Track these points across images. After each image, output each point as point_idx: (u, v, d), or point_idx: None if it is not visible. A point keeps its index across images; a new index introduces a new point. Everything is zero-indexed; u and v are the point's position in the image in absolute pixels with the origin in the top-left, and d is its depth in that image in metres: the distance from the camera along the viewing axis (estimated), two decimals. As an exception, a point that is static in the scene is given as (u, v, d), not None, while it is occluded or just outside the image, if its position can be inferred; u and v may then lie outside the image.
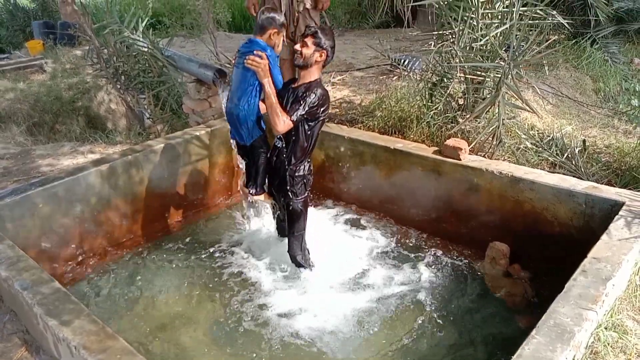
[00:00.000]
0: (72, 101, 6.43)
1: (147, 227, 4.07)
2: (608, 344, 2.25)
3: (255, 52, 2.90)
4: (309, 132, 3.09)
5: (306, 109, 2.94)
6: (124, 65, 5.33)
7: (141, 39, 5.13)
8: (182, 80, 5.19)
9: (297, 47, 3.03)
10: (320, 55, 3.02)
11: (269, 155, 3.26)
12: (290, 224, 3.34)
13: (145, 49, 5.11)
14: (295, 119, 2.92)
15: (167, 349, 2.96)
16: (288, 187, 3.20)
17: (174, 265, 3.69)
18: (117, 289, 3.48)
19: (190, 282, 3.54)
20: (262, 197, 3.39)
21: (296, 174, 3.19)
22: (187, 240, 3.99)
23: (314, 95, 2.96)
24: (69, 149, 4.68)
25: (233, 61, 3.17)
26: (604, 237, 2.73)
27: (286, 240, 3.42)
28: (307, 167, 3.24)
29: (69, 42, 8.56)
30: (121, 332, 2.61)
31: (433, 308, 3.22)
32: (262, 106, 3.11)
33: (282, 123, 2.89)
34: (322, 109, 3.03)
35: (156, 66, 5.17)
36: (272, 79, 2.96)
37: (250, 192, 3.34)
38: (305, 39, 3.01)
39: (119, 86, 5.56)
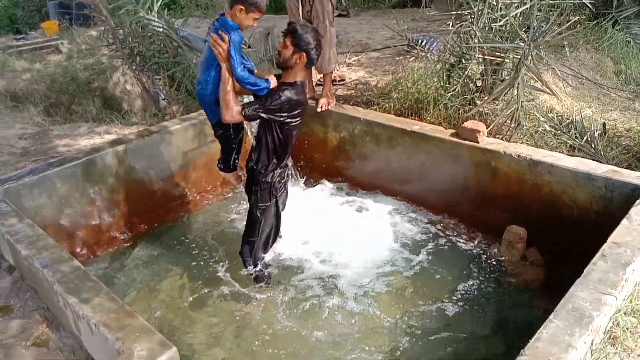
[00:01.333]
0: (88, 82, 6.43)
1: (163, 207, 4.10)
2: (627, 329, 2.22)
3: (220, 31, 2.68)
4: (276, 138, 2.87)
5: (263, 108, 2.75)
6: (139, 45, 5.31)
7: (156, 19, 5.10)
8: (197, 61, 5.17)
9: (278, 46, 2.82)
10: (300, 58, 2.77)
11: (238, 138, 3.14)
12: (246, 226, 3.17)
13: (161, 30, 5.08)
14: (246, 114, 2.73)
15: (183, 328, 3.00)
16: (253, 189, 3.06)
17: (192, 244, 3.72)
18: (134, 268, 3.53)
19: (207, 259, 3.56)
20: (229, 175, 3.34)
21: (262, 179, 3.00)
22: (203, 218, 4.03)
23: (277, 98, 2.75)
24: (85, 129, 4.70)
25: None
26: (624, 221, 2.69)
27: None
28: (276, 175, 3.02)
29: (85, 23, 8.55)
30: (139, 312, 2.64)
31: (449, 291, 3.22)
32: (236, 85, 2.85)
33: (229, 113, 2.72)
34: (285, 114, 2.79)
35: (171, 47, 5.15)
36: (230, 64, 2.72)
37: (218, 166, 3.31)
38: (285, 39, 2.78)
39: (134, 67, 5.55)
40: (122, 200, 3.82)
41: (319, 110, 4.27)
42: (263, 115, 2.78)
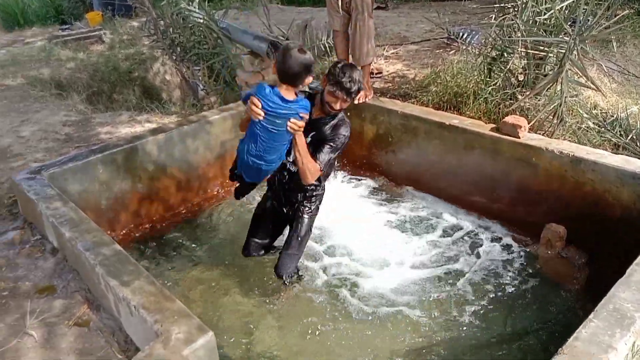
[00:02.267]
0: (129, 71, 6.57)
1: (201, 195, 4.18)
2: (671, 332, 2.16)
3: (301, 114, 2.57)
4: (330, 162, 2.86)
5: (335, 153, 2.78)
6: (180, 36, 5.40)
7: (197, 11, 5.18)
8: (236, 53, 5.22)
9: (329, 99, 2.70)
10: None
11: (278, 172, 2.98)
12: (293, 241, 3.07)
13: (201, 21, 5.16)
14: (324, 169, 2.75)
15: (217, 315, 3.05)
16: (305, 203, 3.04)
17: (227, 233, 3.76)
18: (171, 254, 3.60)
19: (240, 247, 3.59)
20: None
21: (317, 193, 3.04)
22: (239, 207, 4.06)
23: (343, 138, 2.78)
24: (126, 117, 4.81)
25: (250, 113, 2.56)
26: (670, 222, 2.61)
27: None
28: (325, 185, 3.09)
29: (127, 14, 8.74)
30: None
31: (486, 289, 3.18)
32: None
33: (314, 176, 2.72)
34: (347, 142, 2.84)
35: (211, 38, 5.21)
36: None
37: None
38: (340, 94, 2.66)
39: (174, 57, 5.64)
40: (161, 187, 3.90)
41: (356, 102, 4.25)
42: (333, 157, 2.82)
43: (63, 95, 5.57)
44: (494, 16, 4.07)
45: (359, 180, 4.43)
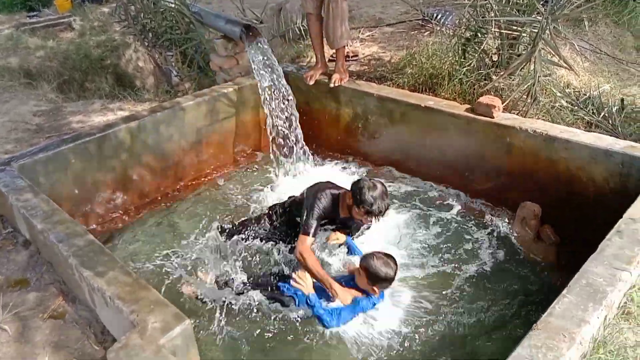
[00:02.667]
0: (101, 59, 6.44)
1: (175, 183, 4.13)
2: (642, 305, 2.21)
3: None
4: None
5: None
6: (151, 22, 5.30)
7: (168, -5, 5.07)
8: (209, 37, 5.14)
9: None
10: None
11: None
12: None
13: (172, 5, 5.06)
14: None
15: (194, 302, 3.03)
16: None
17: (203, 220, 3.74)
18: (147, 243, 3.56)
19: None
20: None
21: None
22: (215, 194, 4.04)
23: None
24: (98, 106, 4.72)
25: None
26: (641, 197, 2.65)
27: None
28: None
29: (97, 0, 8.53)
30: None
31: (460, 267, 3.22)
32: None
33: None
34: None
35: (183, 22, 5.13)
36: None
37: None
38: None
39: (146, 43, 5.55)
40: (135, 176, 3.84)
41: (331, 85, 4.23)
42: None
43: (33, 85, 5.44)
44: (467, -4, 4.06)
45: (335, 163, 4.42)
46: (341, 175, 4.25)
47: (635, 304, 2.20)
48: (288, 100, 4.09)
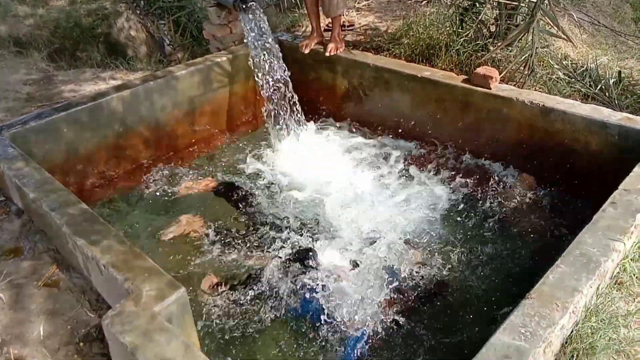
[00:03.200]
0: (92, 28, 6.32)
1: (168, 153, 4.10)
2: (634, 274, 2.23)
3: None
4: None
5: None
6: (143, -11, 5.20)
7: (160, -39, 4.96)
8: (202, 5, 5.05)
9: None
10: None
11: None
12: None
13: (165, -28, 4.95)
14: None
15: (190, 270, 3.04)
16: None
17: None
18: (139, 212, 3.54)
19: (211, 204, 3.60)
20: None
21: None
22: (209, 163, 4.01)
23: None
24: (90, 75, 4.65)
25: None
26: (636, 169, 2.65)
27: None
28: None
29: (87, -34, 8.33)
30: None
31: (456, 236, 3.22)
32: None
33: None
34: None
35: (176, -10, 5.03)
36: None
37: None
38: None
39: (138, 12, 5.45)
40: (128, 145, 3.81)
41: (327, 54, 4.18)
42: None
43: (23, 53, 5.34)
44: (466, -36, 3.99)
45: (333, 132, 4.39)
46: (336, 139, 4.26)
47: (628, 274, 2.22)
48: (282, 68, 4.04)
